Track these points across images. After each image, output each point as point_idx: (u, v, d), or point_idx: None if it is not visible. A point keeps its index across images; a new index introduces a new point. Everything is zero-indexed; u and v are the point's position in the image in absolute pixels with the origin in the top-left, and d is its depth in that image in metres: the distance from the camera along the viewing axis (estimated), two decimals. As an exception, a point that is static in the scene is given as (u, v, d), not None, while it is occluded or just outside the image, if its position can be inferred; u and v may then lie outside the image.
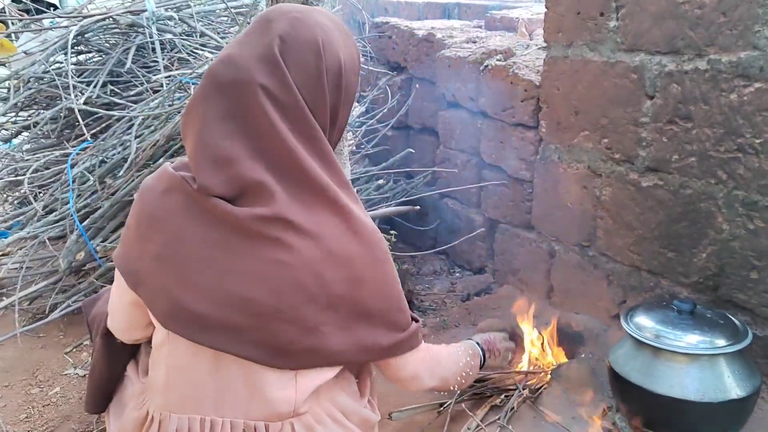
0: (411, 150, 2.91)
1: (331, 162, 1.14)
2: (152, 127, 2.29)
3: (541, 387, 1.89)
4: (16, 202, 2.80)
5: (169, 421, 1.16)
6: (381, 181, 2.83)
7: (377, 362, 1.28)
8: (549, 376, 1.99)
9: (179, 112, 2.24)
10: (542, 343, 2.05)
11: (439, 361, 1.41)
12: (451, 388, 1.48)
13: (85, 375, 2.12)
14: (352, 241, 1.14)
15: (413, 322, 1.28)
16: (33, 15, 2.87)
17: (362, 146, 3.03)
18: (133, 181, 2.21)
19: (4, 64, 2.68)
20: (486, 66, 2.53)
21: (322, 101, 1.13)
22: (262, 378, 1.13)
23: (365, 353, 1.20)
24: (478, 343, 1.61)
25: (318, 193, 1.12)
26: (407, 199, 2.89)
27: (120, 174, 2.21)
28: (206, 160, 1.09)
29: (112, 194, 2.23)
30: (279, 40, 1.10)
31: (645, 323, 1.58)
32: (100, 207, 2.25)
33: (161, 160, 2.18)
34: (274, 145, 1.09)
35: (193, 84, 2.31)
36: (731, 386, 1.44)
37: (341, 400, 1.24)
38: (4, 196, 2.87)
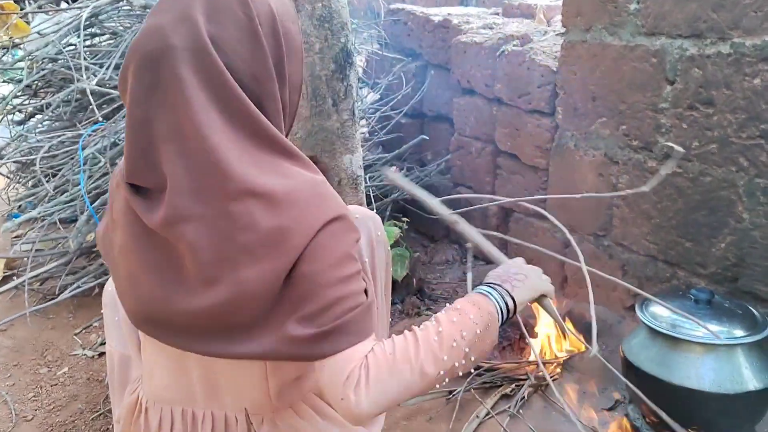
0: (425, 137, 2.88)
1: (263, 133, 0.98)
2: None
3: (552, 377, 1.85)
4: (29, 183, 2.81)
5: (153, 409, 1.15)
6: (394, 168, 2.79)
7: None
8: (560, 367, 1.96)
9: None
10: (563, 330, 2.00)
11: (397, 362, 0.99)
12: (460, 372, 1.06)
13: (93, 356, 2.12)
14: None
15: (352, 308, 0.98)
16: (48, -3, 2.88)
17: (375, 133, 3.00)
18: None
19: (18, 45, 2.68)
20: (502, 51, 2.49)
21: (261, 54, 0.99)
22: (232, 371, 1.09)
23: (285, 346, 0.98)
24: (488, 286, 1.17)
25: (228, 184, 0.94)
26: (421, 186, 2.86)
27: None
28: (129, 147, 1.00)
29: (123, 175, 2.23)
30: (200, 2, 0.98)
31: (661, 312, 1.53)
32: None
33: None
34: (185, 123, 0.94)
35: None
36: (749, 377, 1.39)
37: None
38: (17, 177, 2.88)
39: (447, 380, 1.04)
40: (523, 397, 1.80)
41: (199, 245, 0.94)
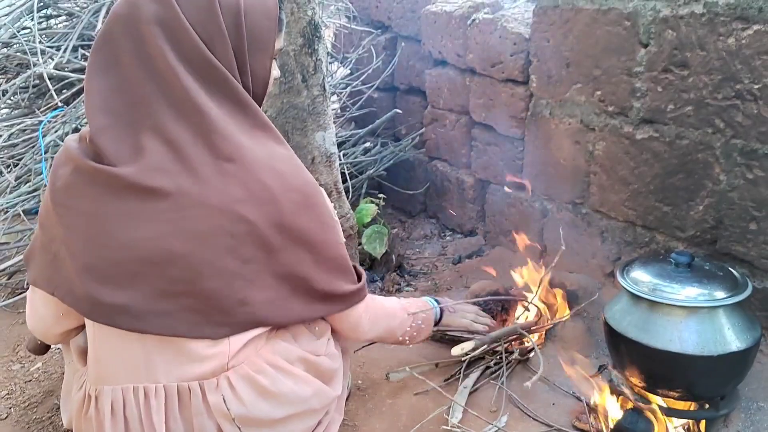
0: (398, 110, 2.83)
1: (241, 103, 1.10)
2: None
3: (531, 349, 1.85)
4: (-11, 175, 2.70)
5: (103, 394, 1.12)
6: (368, 144, 2.75)
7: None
8: (543, 336, 1.96)
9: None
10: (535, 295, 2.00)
11: (384, 311, 1.43)
12: (400, 339, 1.52)
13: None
14: (272, 182, 1.10)
15: (356, 278, 1.29)
16: (-2, -22, 2.75)
17: (347, 109, 2.94)
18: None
19: (-32, 30, 2.55)
20: (473, 20, 2.44)
21: (220, 42, 1.08)
22: (189, 341, 1.11)
23: (298, 316, 1.21)
24: (434, 299, 1.65)
25: (222, 141, 1.07)
26: (395, 162, 2.82)
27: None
28: (106, 112, 1.07)
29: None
30: None
31: (641, 277, 1.52)
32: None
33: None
34: (173, 88, 1.05)
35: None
36: (731, 338, 1.40)
37: (282, 348, 1.19)
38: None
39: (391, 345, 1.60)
40: (510, 367, 1.80)
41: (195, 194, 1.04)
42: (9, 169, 2.42)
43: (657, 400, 1.51)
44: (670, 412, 1.50)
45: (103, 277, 1.07)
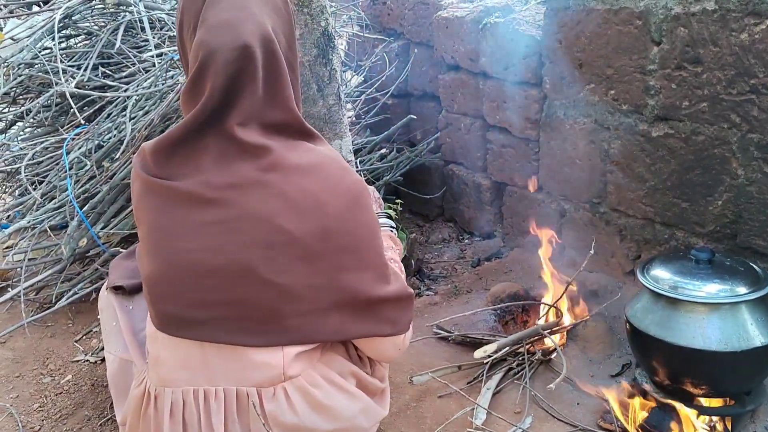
0: (412, 116, 2.85)
1: (295, 123, 1.16)
2: (146, 108, 2.24)
3: (553, 350, 1.85)
4: (16, 192, 2.77)
5: (164, 395, 1.15)
6: (384, 151, 2.77)
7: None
8: (565, 337, 1.96)
9: (173, 90, 2.18)
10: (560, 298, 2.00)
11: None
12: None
13: (96, 362, 2.11)
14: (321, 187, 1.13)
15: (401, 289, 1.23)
16: (18, 1, 2.81)
17: (362, 116, 2.97)
18: (129, 163, 2.17)
19: (-8, 53, 2.62)
20: (485, 24, 2.46)
21: (293, 44, 1.18)
22: (248, 348, 1.13)
23: (335, 331, 1.17)
24: (389, 224, 1.54)
25: (266, 153, 1.10)
26: (412, 167, 2.84)
27: (117, 157, 2.17)
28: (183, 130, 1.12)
29: (110, 178, 2.19)
30: None
31: (662, 275, 1.53)
32: (99, 192, 2.21)
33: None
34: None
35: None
36: (754, 333, 1.39)
37: (338, 363, 1.21)
38: (3, 187, 2.83)
39: None
40: (533, 368, 1.80)
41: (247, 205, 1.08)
42: (34, 187, 2.47)
43: (681, 398, 1.51)
44: (695, 409, 1.50)
45: (154, 284, 1.13)
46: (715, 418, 1.51)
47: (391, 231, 1.48)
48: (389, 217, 1.53)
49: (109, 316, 1.40)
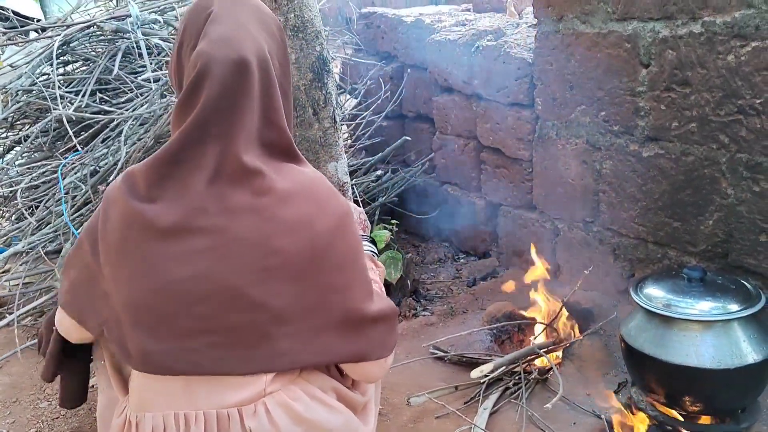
0: (407, 138, 2.88)
1: (285, 145, 1.16)
2: (139, 133, 2.26)
3: (549, 369, 1.86)
4: (12, 217, 2.77)
5: (145, 420, 1.14)
6: (379, 172, 2.80)
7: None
8: (560, 355, 1.97)
9: (167, 112, 2.20)
10: (557, 317, 2.02)
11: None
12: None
13: (93, 386, 2.10)
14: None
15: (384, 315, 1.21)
16: (17, 29, 2.84)
17: (358, 138, 3.00)
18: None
19: (-10, 79, 2.65)
20: (477, 47, 2.50)
21: (286, 65, 1.21)
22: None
23: (326, 353, 1.15)
24: (370, 248, 1.55)
25: (258, 178, 1.09)
26: (407, 187, 2.87)
27: (111, 180, 2.18)
28: (174, 145, 1.11)
29: (107, 202, 2.21)
30: (254, 19, 1.15)
31: (655, 293, 1.54)
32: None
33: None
34: (236, 128, 1.09)
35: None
36: (747, 351, 1.41)
37: (318, 378, 1.21)
38: (0, 212, 2.84)
39: None
40: (530, 387, 1.81)
41: (237, 230, 1.07)
42: (30, 211, 2.48)
43: (677, 415, 1.52)
44: (691, 427, 1.51)
45: (143, 313, 1.10)
46: (710, 436, 1.52)
47: (372, 255, 1.50)
48: (372, 241, 1.55)
49: (97, 356, 1.40)
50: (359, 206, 1.59)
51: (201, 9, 1.15)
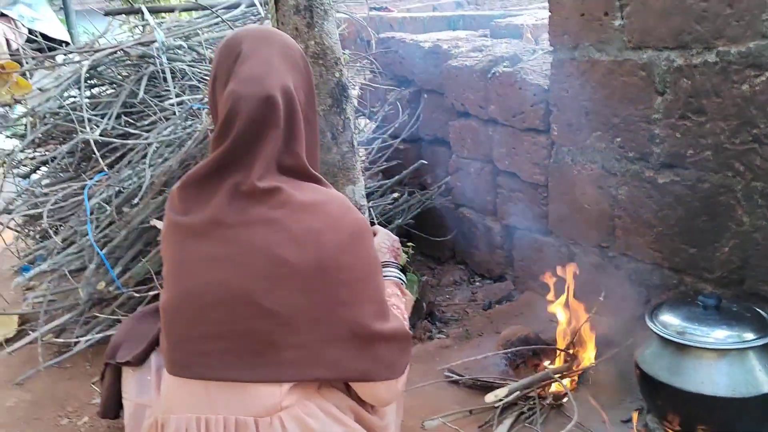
0: (423, 161, 2.92)
1: (302, 169, 1.24)
2: (165, 155, 2.32)
3: (564, 395, 1.86)
4: (38, 236, 2.84)
5: (170, 422, 1.21)
6: (396, 195, 2.83)
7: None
8: (576, 381, 1.97)
9: (191, 138, 2.26)
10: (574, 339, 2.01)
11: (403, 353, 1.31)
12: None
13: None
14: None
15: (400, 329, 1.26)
16: (46, 52, 2.94)
17: (375, 162, 3.04)
18: (148, 208, 2.24)
19: (20, 102, 2.73)
20: (493, 73, 2.54)
21: (312, 99, 1.31)
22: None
23: (330, 364, 1.19)
24: (397, 275, 1.52)
25: (278, 194, 1.18)
26: (422, 210, 2.89)
27: (135, 202, 2.24)
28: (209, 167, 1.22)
29: (128, 223, 2.26)
30: (279, 55, 1.24)
31: (670, 321, 1.55)
32: (117, 236, 2.28)
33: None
34: (258, 155, 1.19)
35: (203, 109, 2.34)
36: (763, 380, 1.41)
37: (336, 396, 1.24)
38: (26, 231, 2.91)
39: None
40: (544, 413, 1.81)
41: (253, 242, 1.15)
42: (55, 231, 2.55)
43: (693, 444, 1.52)
44: (706, 456, 1.50)
45: (170, 312, 1.22)
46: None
47: (400, 282, 1.51)
48: (402, 270, 1.56)
49: (127, 366, 1.46)
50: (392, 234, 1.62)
51: (231, 48, 1.25)
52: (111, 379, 1.52)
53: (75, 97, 2.67)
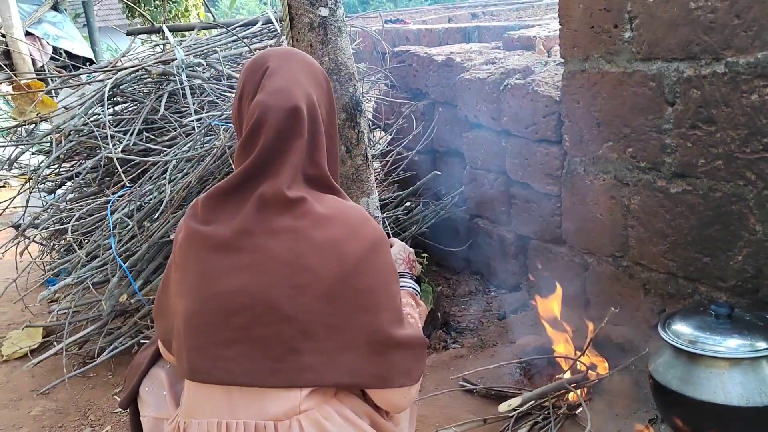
0: (437, 172, 2.95)
1: (323, 178, 1.29)
2: (185, 170, 2.38)
3: (579, 404, 1.87)
4: (62, 250, 2.92)
5: (191, 426, 1.24)
6: (409, 204, 2.86)
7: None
8: (590, 391, 1.97)
9: (209, 154, 2.32)
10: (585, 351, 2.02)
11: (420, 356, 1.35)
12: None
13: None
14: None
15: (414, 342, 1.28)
16: (70, 71, 3.03)
17: (390, 173, 3.08)
18: (168, 222, 2.30)
19: (46, 120, 2.82)
20: (506, 85, 2.56)
21: (333, 113, 1.37)
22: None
23: (349, 371, 1.22)
24: (413, 286, 1.56)
25: (301, 204, 1.22)
26: (437, 221, 2.92)
27: (156, 217, 2.30)
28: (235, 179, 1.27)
29: (149, 237, 2.32)
30: (303, 71, 1.31)
31: (683, 330, 1.56)
32: (139, 250, 2.34)
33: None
34: (282, 166, 1.24)
35: (222, 126, 2.40)
36: (776, 389, 1.41)
37: (352, 401, 1.26)
38: (51, 244, 2.99)
39: None
40: (559, 422, 1.82)
41: (274, 250, 1.19)
42: (79, 245, 2.62)
43: (707, 453, 1.52)
44: (720, 466, 1.50)
45: (190, 319, 1.24)
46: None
47: (415, 293, 1.55)
48: (417, 281, 1.60)
49: (143, 385, 1.50)
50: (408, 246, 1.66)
51: (259, 65, 1.31)
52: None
53: (98, 114, 2.75)
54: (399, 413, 1.37)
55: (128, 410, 1.54)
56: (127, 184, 2.48)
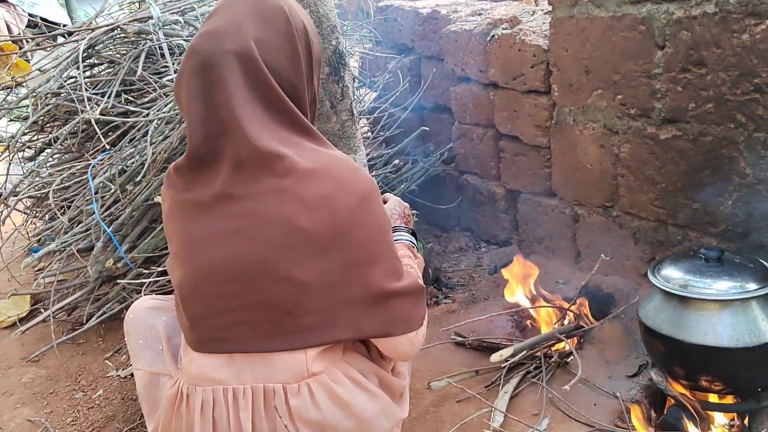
0: (425, 128, 2.90)
1: (301, 125, 1.19)
2: (165, 132, 2.32)
3: (570, 353, 1.88)
4: (45, 217, 2.87)
5: (195, 394, 1.21)
6: (397, 162, 2.83)
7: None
8: (581, 339, 1.98)
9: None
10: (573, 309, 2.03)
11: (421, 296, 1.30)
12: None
13: (126, 377, 2.18)
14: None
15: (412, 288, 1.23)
16: (44, 33, 2.93)
17: (377, 132, 3.03)
18: (151, 185, 2.25)
19: (21, 84, 2.74)
20: (493, 36, 2.51)
21: (296, 62, 1.21)
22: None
23: (349, 326, 1.19)
24: (409, 239, 1.52)
25: (280, 161, 1.14)
26: (427, 178, 2.89)
27: (139, 180, 2.25)
28: (192, 139, 1.19)
29: (132, 200, 2.27)
30: (250, 13, 1.18)
31: (673, 274, 1.55)
32: (122, 214, 2.30)
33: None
34: (230, 119, 1.15)
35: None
36: (766, 329, 1.41)
37: (360, 362, 1.25)
38: (34, 212, 2.94)
39: None
40: (550, 371, 1.82)
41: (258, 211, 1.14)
42: (62, 211, 2.57)
43: (697, 395, 1.53)
44: (711, 407, 1.51)
45: (184, 289, 1.22)
46: (732, 415, 1.52)
47: (412, 245, 1.50)
48: (413, 234, 1.56)
49: (136, 336, 1.47)
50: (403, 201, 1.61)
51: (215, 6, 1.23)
52: None
53: (75, 77, 2.67)
54: (406, 361, 1.37)
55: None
56: (108, 148, 2.41)
